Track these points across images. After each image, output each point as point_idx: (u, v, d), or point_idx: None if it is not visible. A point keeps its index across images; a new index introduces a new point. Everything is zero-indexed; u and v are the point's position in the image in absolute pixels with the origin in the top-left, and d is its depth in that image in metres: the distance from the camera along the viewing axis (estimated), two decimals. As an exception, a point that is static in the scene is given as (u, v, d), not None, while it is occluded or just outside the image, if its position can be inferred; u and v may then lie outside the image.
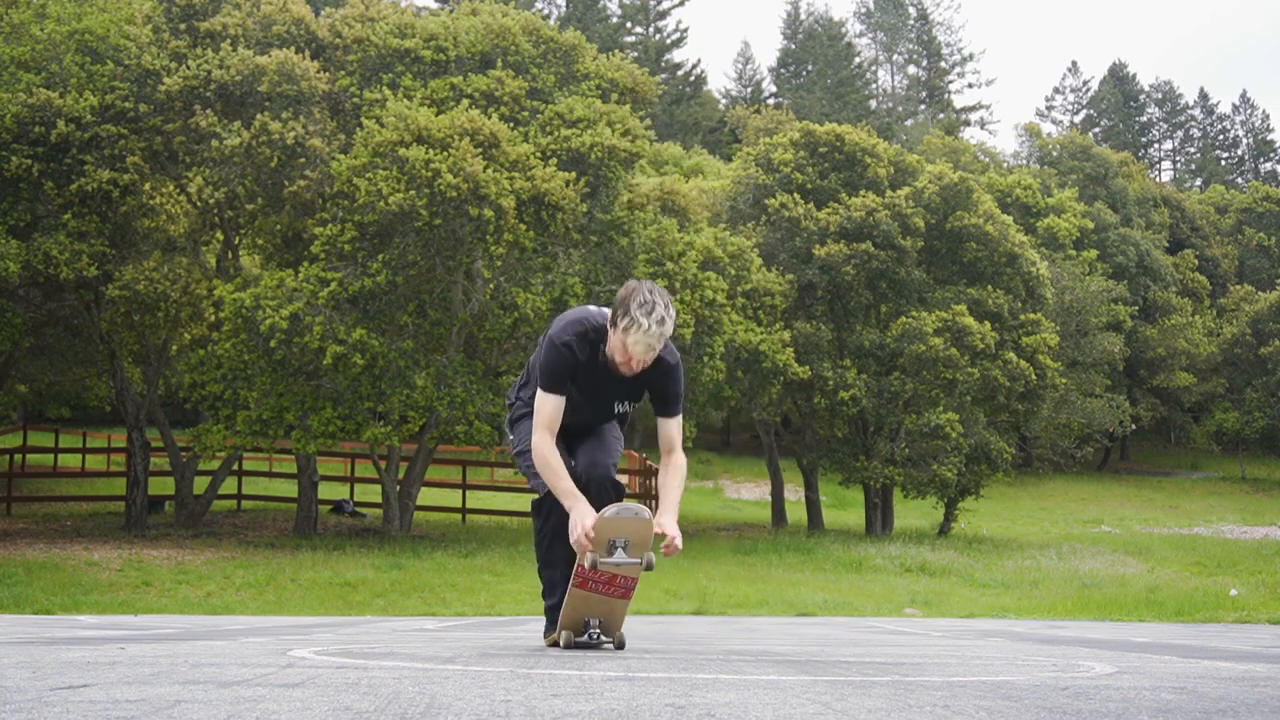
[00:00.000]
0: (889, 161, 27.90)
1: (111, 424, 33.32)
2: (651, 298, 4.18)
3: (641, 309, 4.16)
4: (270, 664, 3.31)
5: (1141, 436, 48.54)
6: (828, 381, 24.68)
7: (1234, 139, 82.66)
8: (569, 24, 49.21)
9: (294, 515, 22.86)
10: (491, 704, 2.28)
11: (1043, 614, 15.63)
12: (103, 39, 21.23)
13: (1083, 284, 37.29)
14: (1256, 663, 4.24)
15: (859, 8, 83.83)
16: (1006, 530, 30.29)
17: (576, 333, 4.44)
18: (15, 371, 25.02)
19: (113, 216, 20.73)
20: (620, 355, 4.29)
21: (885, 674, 3.28)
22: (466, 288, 20.73)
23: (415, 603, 15.54)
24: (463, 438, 20.03)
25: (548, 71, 22.78)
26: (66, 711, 2.11)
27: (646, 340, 4.19)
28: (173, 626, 7.51)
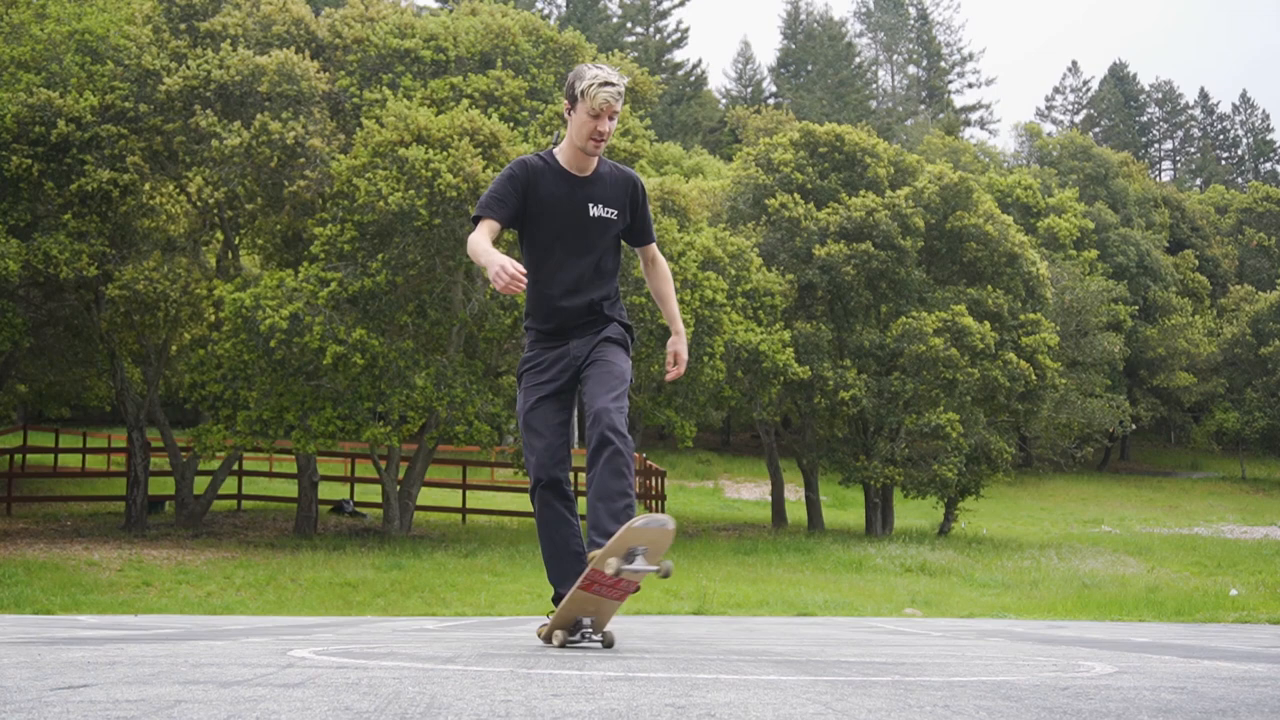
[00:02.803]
0: (889, 161, 27.90)
1: (111, 424, 33.32)
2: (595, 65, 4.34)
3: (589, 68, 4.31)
4: (270, 664, 3.31)
5: (1141, 436, 48.56)
6: (828, 381, 24.68)
7: (1234, 139, 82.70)
8: (569, 24, 49.20)
9: (294, 515, 22.86)
10: (491, 704, 2.28)
11: (1043, 614, 15.63)
12: (103, 39, 21.24)
13: (1083, 284, 37.29)
14: (1256, 663, 4.24)
15: (859, 8, 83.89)
16: (1006, 530, 30.29)
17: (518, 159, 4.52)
18: (15, 371, 25.02)
19: (113, 216, 20.74)
20: (587, 129, 4.32)
21: (885, 674, 3.28)
22: (466, 288, 20.73)
23: (415, 603, 15.54)
24: (463, 438, 20.04)
25: (547, 71, 22.79)
26: (66, 711, 2.11)
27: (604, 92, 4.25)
28: (173, 626, 7.51)
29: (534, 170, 4.44)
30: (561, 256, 4.51)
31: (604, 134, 4.34)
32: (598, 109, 4.27)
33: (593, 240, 4.53)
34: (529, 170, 4.44)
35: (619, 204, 4.55)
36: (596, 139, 4.35)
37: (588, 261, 4.53)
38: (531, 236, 4.55)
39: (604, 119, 4.31)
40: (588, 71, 4.30)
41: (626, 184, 4.58)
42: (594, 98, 4.25)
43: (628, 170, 4.63)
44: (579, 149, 4.41)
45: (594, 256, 4.54)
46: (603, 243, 4.56)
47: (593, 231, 4.52)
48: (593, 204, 4.49)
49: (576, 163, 4.46)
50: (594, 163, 4.49)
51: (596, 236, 4.53)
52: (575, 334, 4.56)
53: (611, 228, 4.55)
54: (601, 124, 4.31)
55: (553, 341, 4.58)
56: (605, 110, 4.29)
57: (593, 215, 4.50)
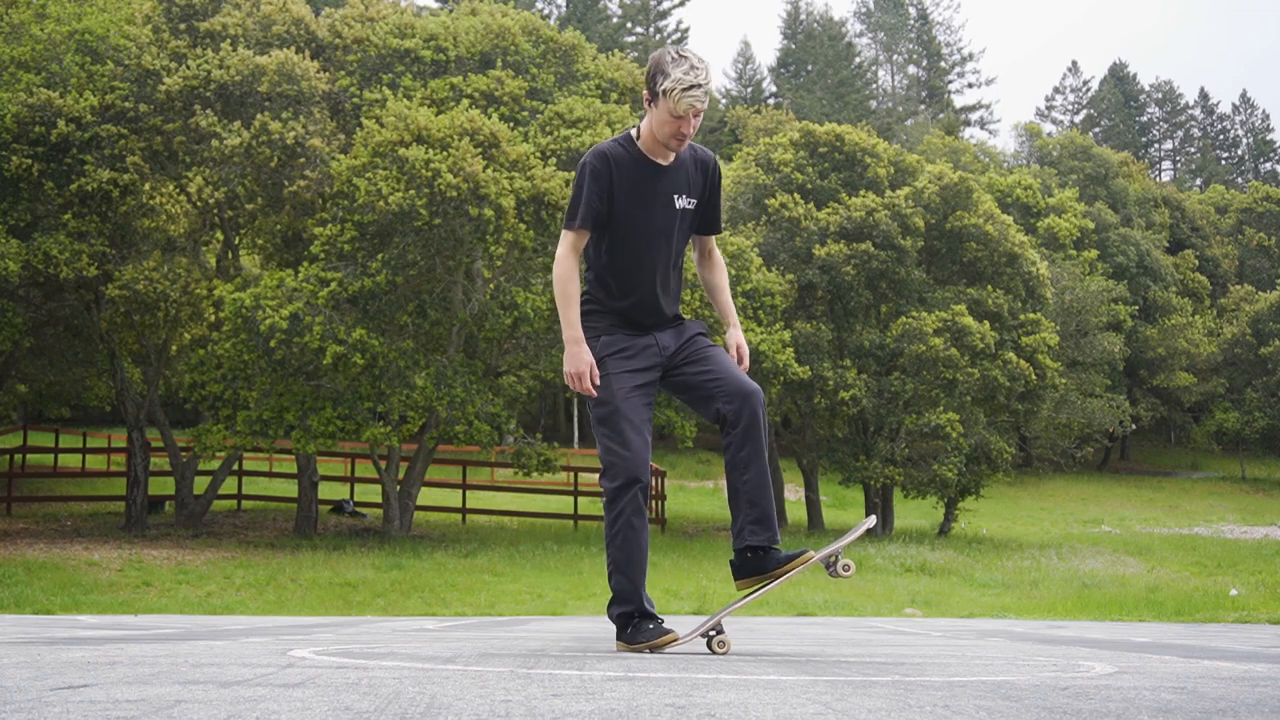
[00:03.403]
0: (889, 161, 27.90)
1: (111, 424, 33.32)
2: (680, 53, 4.01)
3: (675, 64, 3.99)
4: (270, 664, 3.31)
5: (1141, 436, 48.56)
6: (828, 381, 24.68)
7: (1234, 139, 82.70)
8: (569, 24, 49.20)
9: (294, 515, 22.86)
10: (491, 704, 2.28)
11: (1043, 614, 15.63)
12: (103, 39, 21.25)
13: (1083, 284, 37.29)
14: (1256, 663, 4.23)
15: (859, 8, 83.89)
16: (1006, 530, 30.29)
17: (597, 150, 4.21)
18: (15, 371, 25.03)
19: (113, 216, 20.74)
20: (669, 127, 4.06)
21: (885, 674, 3.28)
22: (466, 288, 20.73)
23: (415, 603, 15.54)
24: (463, 438, 20.03)
25: (547, 71, 22.79)
26: (66, 711, 2.11)
27: (688, 98, 3.98)
28: (173, 626, 7.51)
29: (615, 161, 4.20)
30: (644, 249, 4.28)
31: (687, 135, 4.11)
32: (681, 112, 4.03)
33: (673, 232, 4.33)
34: (610, 163, 4.19)
35: (698, 190, 4.33)
36: (679, 139, 4.12)
37: (666, 254, 4.33)
38: (613, 228, 4.27)
39: (688, 120, 4.06)
40: (671, 68, 4.00)
41: (705, 167, 4.34)
42: (677, 102, 4.00)
43: (705, 152, 4.37)
44: (661, 144, 4.18)
45: (674, 248, 4.35)
46: (682, 233, 4.37)
47: (675, 223, 4.32)
48: (677, 195, 4.27)
49: (659, 151, 4.21)
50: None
51: (678, 228, 4.34)
52: (657, 327, 4.35)
53: (691, 218, 4.36)
54: (685, 125, 4.07)
55: (634, 329, 4.33)
56: (689, 113, 4.04)
57: (678, 207, 4.29)
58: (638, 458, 4.17)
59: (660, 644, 4.19)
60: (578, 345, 4.19)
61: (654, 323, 4.34)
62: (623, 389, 4.23)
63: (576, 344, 4.19)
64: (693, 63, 4.00)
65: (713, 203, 4.41)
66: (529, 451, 21.04)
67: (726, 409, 4.21)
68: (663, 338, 4.34)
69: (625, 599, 4.26)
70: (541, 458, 21.01)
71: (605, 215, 4.21)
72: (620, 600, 4.27)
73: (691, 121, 4.06)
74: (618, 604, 4.28)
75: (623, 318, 4.31)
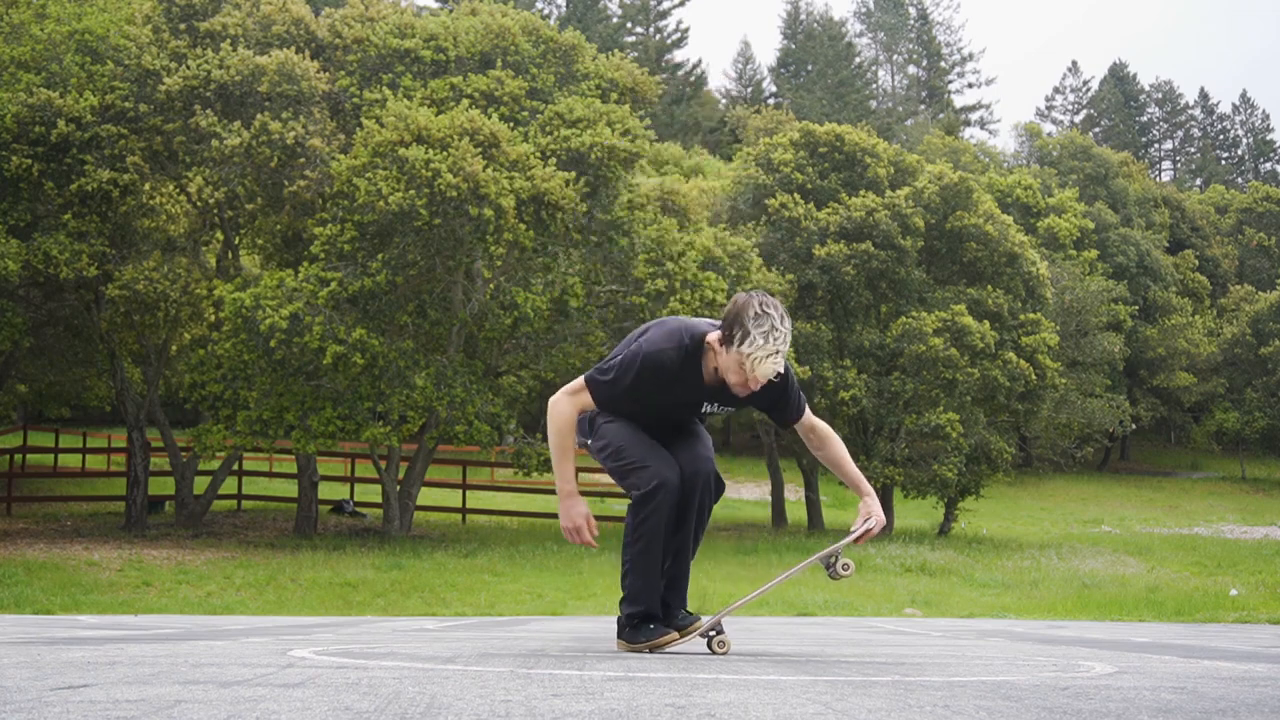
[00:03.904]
0: (889, 161, 27.90)
1: (111, 424, 33.32)
2: (765, 310, 3.87)
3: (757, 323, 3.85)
4: (270, 664, 3.31)
5: (1141, 436, 48.54)
6: (828, 381, 24.68)
7: (1234, 139, 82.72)
8: (569, 24, 49.20)
9: (294, 515, 22.86)
10: (491, 704, 2.28)
11: (1043, 614, 15.63)
12: (103, 39, 21.24)
13: (1083, 284, 37.28)
14: (1256, 663, 4.23)
15: (859, 8, 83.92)
16: (1006, 530, 30.29)
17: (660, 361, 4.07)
18: (15, 371, 25.03)
19: (113, 216, 20.74)
20: (735, 376, 3.96)
21: (885, 674, 3.28)
22: (466, 288, 20.73)
23: (415, 603, 15.54)
24: (463, 438, 20.03)
25: (547, 71, 22.78)
26: (66, 711, 2.11)
27: (766, 366, 3.89)
28: (173, 626, 7.51)
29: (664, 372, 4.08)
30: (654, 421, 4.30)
31: (754, 389, 4.00)
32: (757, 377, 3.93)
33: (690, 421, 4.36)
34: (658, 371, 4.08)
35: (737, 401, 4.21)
36: (744, 390, 4.01)
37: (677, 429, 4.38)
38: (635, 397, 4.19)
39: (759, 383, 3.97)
40: (753, 327, 3.84)
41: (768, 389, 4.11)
42: (753, 369, 3.89)
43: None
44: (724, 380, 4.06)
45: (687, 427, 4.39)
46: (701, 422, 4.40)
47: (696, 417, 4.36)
48: (708, 403, 4.23)
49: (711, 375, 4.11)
50: None
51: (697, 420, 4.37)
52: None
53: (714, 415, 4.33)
54: (754, 384, 3.97)
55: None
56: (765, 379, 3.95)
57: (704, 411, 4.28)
58: (661, 463, 4.18)
59: (660, 644, 4.22)
60: (572, 499, 4.24)
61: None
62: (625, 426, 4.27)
63: (570, 498, 4.24)
64: (774, 323, 3.86)
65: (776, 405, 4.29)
66: (529, 451, 21.03)
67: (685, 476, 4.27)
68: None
69: (636, 599, 4.27)
70: (542, 458, 21.00)
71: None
72: (632, 600, 4.29)
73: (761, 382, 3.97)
74: (630, 604, 4.30)
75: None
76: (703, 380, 4.12)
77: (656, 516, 4.16)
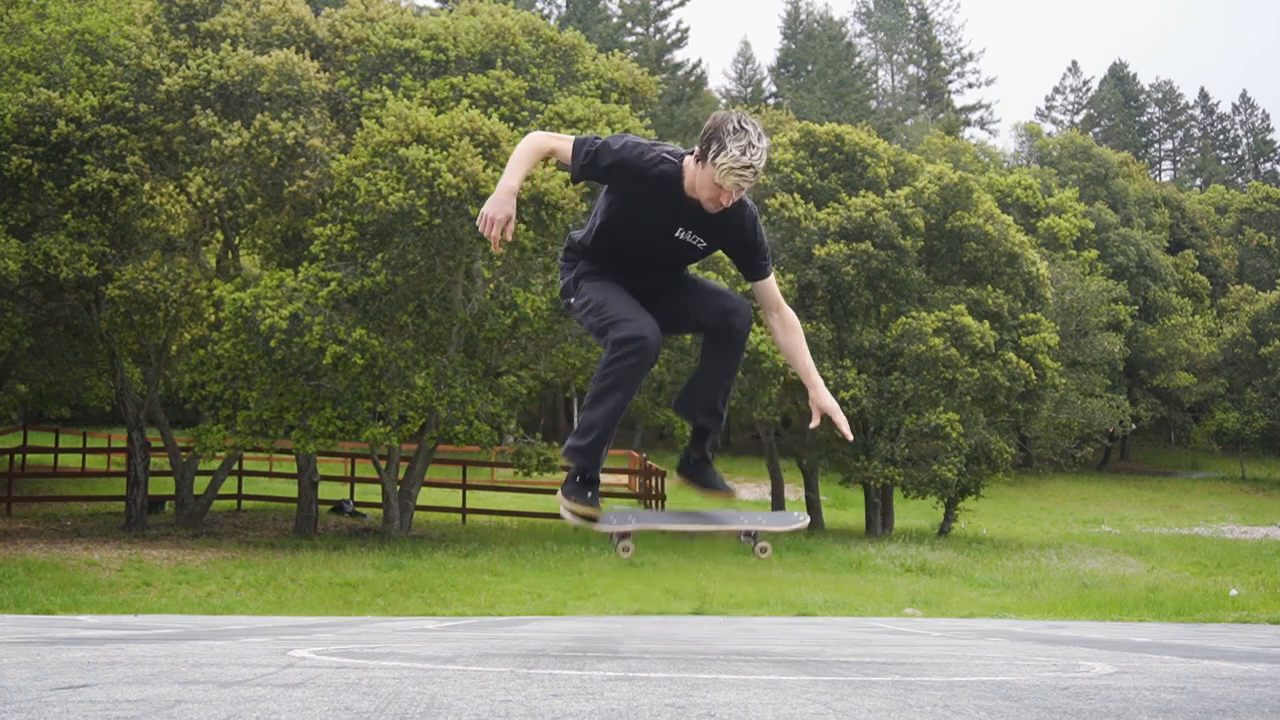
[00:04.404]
0: (889, 161, 27.90)
1: (111, 424, 33.31)
2: (743, 125, 3.86)
3: (734, 137, 3.83)
4: (270, 664, 3.31)
5: (1141, 436, 48.54)
6: (828, 381, 24.68)
7: (1234, 139, 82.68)
8: (569, 24, 49.20)
9: (294, 515, 22.86)
10: (491, 704, 2.28)
11: (1043, 614, 15.63)
12: (103, 39, 21.24)
13: (1083, 284, 37.29)
14: (1256, 663, 4.23)
15: (859, 8, 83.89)
16: (1006, 530, 30.29)
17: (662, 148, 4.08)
18: (15, 371, 25.02)
19: (113, 216, 20.74)
20: (708, 190, 3.94)
21: (885, 674, 3.28)
22: (466, 288, 20.73)
23: (415, 603, 15.54)
24: (463, 438, 20.03)
25: (547, 71, 22.78)
26: (66, 711, 2.11)
27: (733, 178, 3.86)
28: (173, 626, 7.51)
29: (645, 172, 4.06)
30: (632, 254, 4.26)
31: (724, 204, 4.01)
32: (726, 188, 3.92)
33: (666, 256, 4.26)
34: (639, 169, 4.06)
35: (712, 234, 4.18)
36: (715, 204, 4.01)
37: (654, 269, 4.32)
38: (612, 213, 4.20)
39: (729, 194, 3.96)
40: (729, 141, 3.84)
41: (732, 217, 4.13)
42: (724, 178, 3.88)
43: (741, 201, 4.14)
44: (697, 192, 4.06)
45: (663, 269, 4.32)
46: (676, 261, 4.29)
47: (670, 250, 4.23)
48: (681, 228, 4.15)
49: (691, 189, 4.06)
50: None
51: (671, 254, 4.25)
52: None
53: (693, 253, 4.23)
54: (725, 197, 3.97)
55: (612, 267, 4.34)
56: (733, 191, 3.93)
57: (675, 237, 4.18)
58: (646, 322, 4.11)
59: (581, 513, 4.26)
60: (508, 194, 4.17)
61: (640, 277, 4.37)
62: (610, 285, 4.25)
63: (508, 192, 4.17)
64: (751, 140, 3.86)
65: (744, 249, 4.25)
66: (529, 451, 21.03)
67: (708, 316, 4.27)
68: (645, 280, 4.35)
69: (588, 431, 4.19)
70: (541, 457, 21.01)
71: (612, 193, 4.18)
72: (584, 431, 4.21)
73: (732, 196, 3.97)
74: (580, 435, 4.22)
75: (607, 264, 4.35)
76: (681, 191, 4.05)
77: (629, 363, 4.07)
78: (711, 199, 3.98)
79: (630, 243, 4.23)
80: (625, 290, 4.25)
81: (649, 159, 4.09)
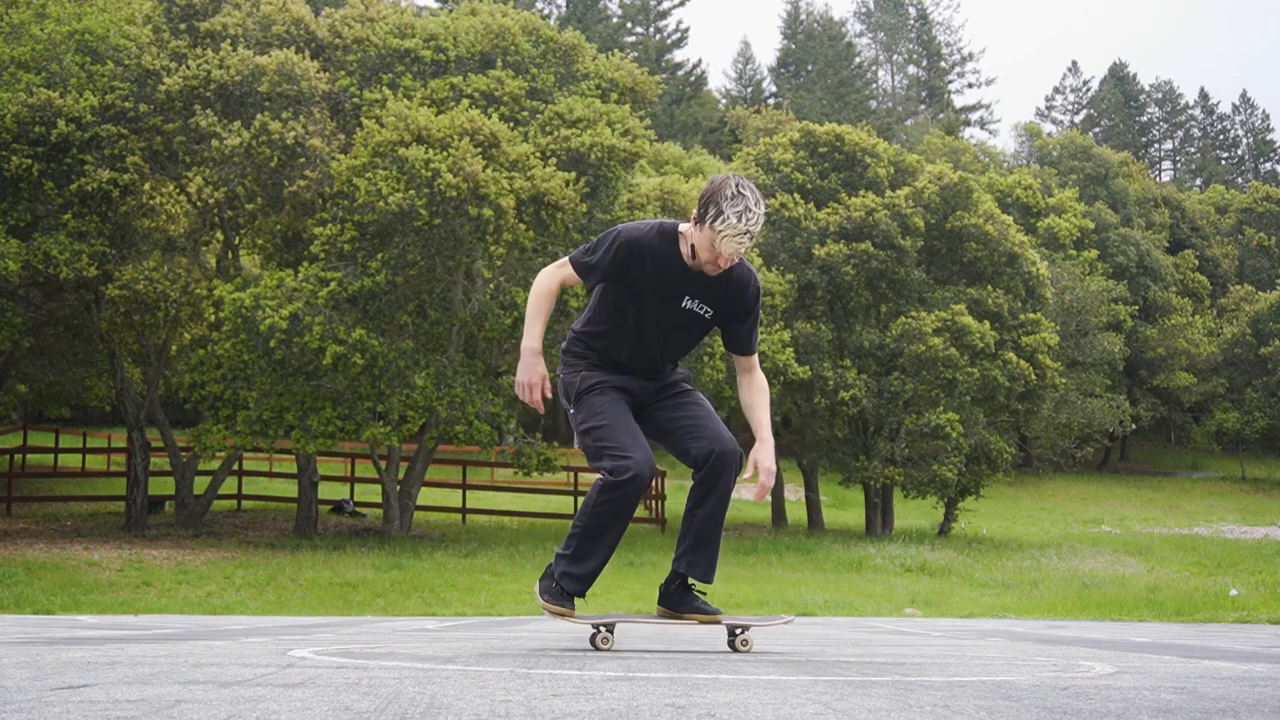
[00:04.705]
0: (889, 161, 27.90)
1: (111, 424, 33.32)
2: (741, 191, 3.96)
3: (732, 203, 3.92)
4: (270, 664, 3.31)
5: (1141, 436, 48.55)
6: (828, 381, 24.68)
7: (1234, 139, 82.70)
8: (569, 24, 49.19)
9: (294, 515, 22.86)
10: (491, 704, 2.28)
11: (1043, 614, 15.63)
12: (103, 39, 21.24)
13: (1083, 284, 37.29)
14: (1256, 663, 4.24)
15: (859, 8, 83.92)
16: (1006, 530, 30.29)
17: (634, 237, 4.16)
18: (15, 371, 25.03)
19: (113, 216, 20.74)
20: (706, 253, 4.03)
21: (885, 674, 3.28)
22: (466, 288, 20.73)
23: (415, 603, 15.54)
24: (463, 438, 20.03)
25: (547, 71, 22.78)
26: (66, 711, 2.11)
27: (734, 244, 3.95)
28: (173, 626, 7.51)
29: (641, 250, 4.15)
30: (636, 332, 4.28)
31: (722, 267, 4.08)
32: (725, 254, 4.00)
33: (676, 329, 4.28)
34: (635, 249, 4.15)
35: (720, 303, 4.25)
36: (714, 268, 4.09)
37: (665, 345, 4.33)
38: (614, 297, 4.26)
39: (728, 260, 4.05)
40: (727, 207, 3.93)
41: (738, 283, 4.23)
42: (722, 245, 3.96)
43: (746, 270, 4.26)
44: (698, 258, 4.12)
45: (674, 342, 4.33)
46: (689, 332, 4.30)
47: (677, 323, 4.26)
48: (689, 297, 4.21)
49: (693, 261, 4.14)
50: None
51: (680, 327, 4.28)
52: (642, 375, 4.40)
53: (700, 325, 4.28)
54: (724, 262, 4.05)
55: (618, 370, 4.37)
56: (732, 257, 4.02)
57: (683, 307, 4.23)
58: (642, 458, 4.15)
59: (556, 612, 4.26)
60: (534, 356, 4.25)
61: (641, 372, 4.41)
62: (613, 406, 4.27)
63: (533, 355, 4.25)
64: (749, 205, 3.94)
65: (740, 320, 4.31)
66: (529, 451, 21.04)
67: (697, 450, 4.26)
68: (646, 383, 4.40)
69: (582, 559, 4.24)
70: (541, 457, 21.01)
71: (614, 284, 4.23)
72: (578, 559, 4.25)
73: (730, 260, 4.04)
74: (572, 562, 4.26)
75: (610, 361, 4.37)
76: (681, 260, 4.14)
77: (624, 503, 4.14)
78: (710, 261, 4.06)
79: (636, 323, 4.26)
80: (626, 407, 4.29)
81: (647, 230, 4.19)
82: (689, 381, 4.51)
